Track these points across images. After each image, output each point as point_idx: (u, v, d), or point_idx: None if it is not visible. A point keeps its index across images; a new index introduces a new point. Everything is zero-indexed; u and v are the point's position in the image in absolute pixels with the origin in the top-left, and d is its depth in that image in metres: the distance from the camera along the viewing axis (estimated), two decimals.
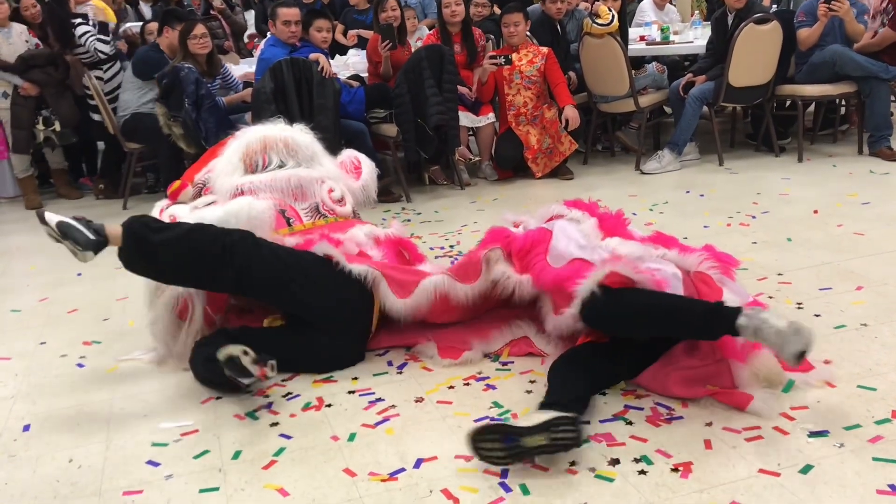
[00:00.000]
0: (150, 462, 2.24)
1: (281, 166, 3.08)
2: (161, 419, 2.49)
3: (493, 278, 2.65)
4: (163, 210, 3.07)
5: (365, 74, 5.67)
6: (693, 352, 2.38)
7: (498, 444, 2.00)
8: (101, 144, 6.32)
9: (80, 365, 2.97)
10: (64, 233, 2.51)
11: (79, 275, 4.03)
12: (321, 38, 5.32)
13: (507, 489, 1.99)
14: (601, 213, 2.78)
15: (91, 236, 2.52)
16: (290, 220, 2.96)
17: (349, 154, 3.40)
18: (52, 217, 2.54)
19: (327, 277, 2.69)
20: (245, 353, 2.39)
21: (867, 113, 5.41)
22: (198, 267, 2.60)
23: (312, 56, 4.94)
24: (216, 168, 3.14)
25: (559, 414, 2.02)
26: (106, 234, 2.56)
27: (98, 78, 5.66)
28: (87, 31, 5.66)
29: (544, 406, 2.15)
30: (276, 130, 3.17)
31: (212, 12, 7.24)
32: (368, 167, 3.34)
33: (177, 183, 3.24)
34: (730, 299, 2.40)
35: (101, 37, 5.72)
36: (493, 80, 5.48)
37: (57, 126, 5.69)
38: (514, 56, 5.39)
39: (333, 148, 3.49)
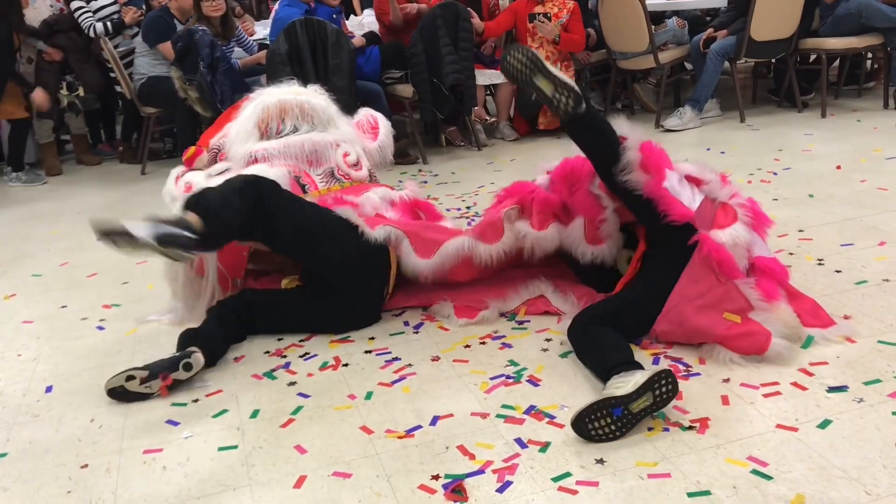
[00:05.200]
0: (169, 421, 2.27)
1: (294, 131, 3.06)
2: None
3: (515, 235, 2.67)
4: (178, 177, 3.07)
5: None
6: (696, 283, 2.34)
7: (608, 419, 1.95)
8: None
9: (100, 328, 3.00)
10: (167, 242, 2.20)
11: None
12: None
13: (523, 445, 1.99)
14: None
15: (188, 233, 2.25)
16: (305, 187, 2.94)
17: (366, 113, 3.36)
18: (142, 229, 2.17)
19: (349, 238, 2.69)
20: (130, 377, 2.37)
21: (894, 66, 5.29)
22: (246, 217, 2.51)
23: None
24: (230, 134, 3.12)
25: (655, 371, 1.98)
26: (187, 221, 2.29)
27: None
28: (81, 7, 5.61)
29: (619, 367, 2.09)
30: (293, 95, 3.13)
31: None
32: (385, 126, 3.30)
33: (192, 149, 3.24)
34: (738, 232, 2.37)
35: (91, 14, 5.64)
36: (508, 23, 5.40)
37: (81, 91, 5.70)
38: (539, 8, 5.28)
39: (349, 109, 3.46)
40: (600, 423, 1.96)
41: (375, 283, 2.76)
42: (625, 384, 1.99)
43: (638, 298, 2.44)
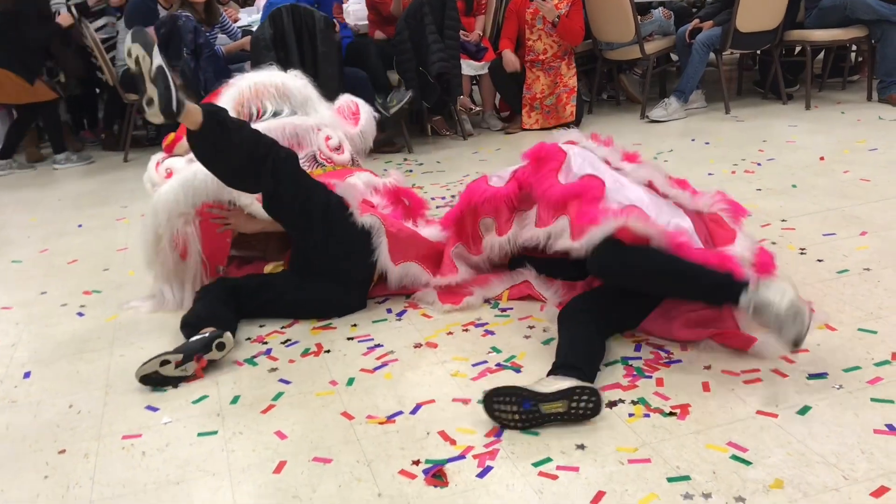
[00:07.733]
0: (149, 407, 2.25)
1: (276, 114, 3.03)
2: None
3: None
4: (159, 163, 3.04)
5: (364, 22, 5.57)
6: None
7: (515, 408, 1.95)
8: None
9: (80, 314, 2.97)
10: (155, 78, 2.30)
11: (79, 226, 4.02)
12: None
13: (504, 430, 1.99)
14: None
15: (174, 97, 2.32)
16: None
17: (346, 99, 3.33)
18: (157, 57, 2.31)
19: (344, 219, 2.68)
20: (164, 362, 2.34)
21: (878, 58, 5.32)
22: (246, 169, 2.56)
23: None
24: None
25: (582, 384, 1.98)
26: (185, 107, 2.36)
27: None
28: None
29: (561, 369, 2.08)
30: (267, 76, 3.10)
31: None
32: (366, 112, 3.28)
33: (171, 136, 3.20)
34: (742, 243, 2.37)
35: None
36: (514, 28, 5.37)
37: (62, 77, 5.64)
38: None
39: (336, 96, 3.44)
40: (506, 409, 1.96)
41: (363, 268, 2.74)
42: (551, 385, 1.98)
43: (631, 300, 2.41)
